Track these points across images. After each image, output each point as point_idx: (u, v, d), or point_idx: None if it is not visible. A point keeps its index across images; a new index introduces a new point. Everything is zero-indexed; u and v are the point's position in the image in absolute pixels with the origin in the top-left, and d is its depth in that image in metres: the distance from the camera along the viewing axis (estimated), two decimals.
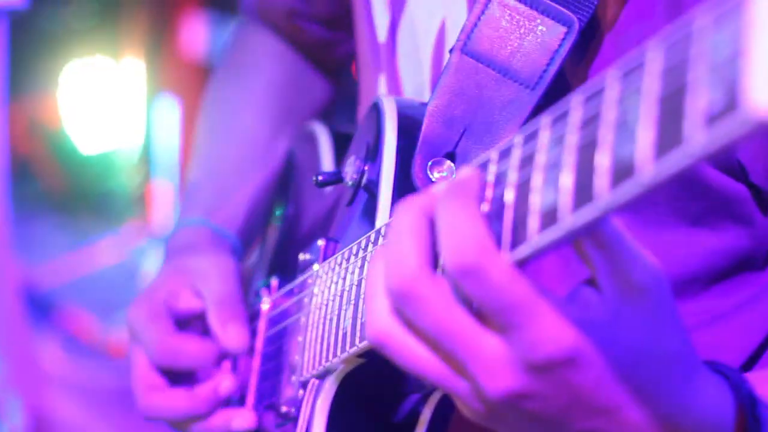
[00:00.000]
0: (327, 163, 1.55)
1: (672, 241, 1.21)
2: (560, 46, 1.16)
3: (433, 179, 1.18)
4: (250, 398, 1.50)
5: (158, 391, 1.48)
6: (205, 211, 1.63)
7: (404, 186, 1.22)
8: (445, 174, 1.19)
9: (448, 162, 1.18)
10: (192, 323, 1.51)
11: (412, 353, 0.93)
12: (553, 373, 0.89)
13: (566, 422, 0.93)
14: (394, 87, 1.42)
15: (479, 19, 1.21)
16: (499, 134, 1.18)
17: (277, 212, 1.66)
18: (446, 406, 1.16)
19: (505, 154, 0.91)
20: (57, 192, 4.38)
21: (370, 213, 1.25)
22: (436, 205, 0.91)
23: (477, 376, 0.90)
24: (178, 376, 1.49)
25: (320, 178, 1.35)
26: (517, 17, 1.19)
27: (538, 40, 1.18)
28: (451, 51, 1.22)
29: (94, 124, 4.42)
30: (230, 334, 1.47)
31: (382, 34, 1.44)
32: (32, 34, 4.51)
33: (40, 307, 3.76)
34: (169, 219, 4.07)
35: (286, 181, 1.67)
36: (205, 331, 1.50)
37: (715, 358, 1.01)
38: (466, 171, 0.92)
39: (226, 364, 1.50)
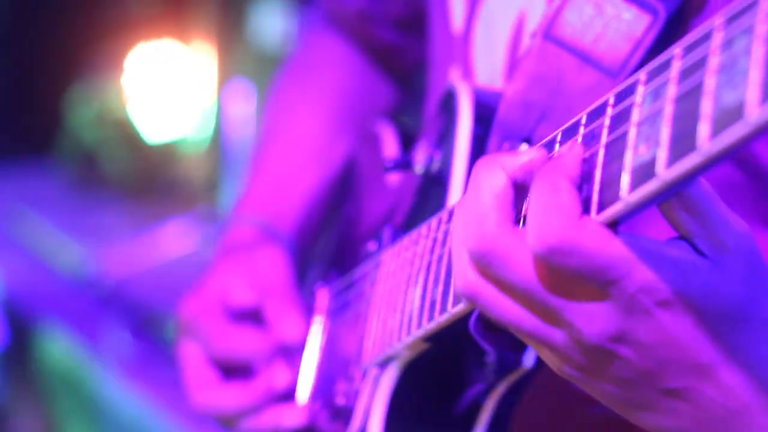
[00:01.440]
0: (392, 153, 1.52)
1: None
2: (645, 34, 1.13)
3: None
4: (303, 393, 1.47)
5: (211, 387, 1.47)
6: (261, 210, 1.63)
7: None
8: None
9: (525, 145, 1.18)
10: (246, 319, 1.49)
11: (503, 308, 0.93)
12: (653, 317, 0.88)
13: (660, 376, 0.91)
14: (467, 77, 1.40)
15: (563, 4, 1.18)
16: None
17: (337, 212, 1.65)
18: (510, 399, 1.17)
19: (595, 114, 0.92)
20: (125, 179, 4.36)
21: (439, 201, 1.24)
22: (531, 173, 0.92)
23: (574, 322, 0.90)
24: (232, 372, 1.48)
25: (389, 164, 1.35)
26: (603, 4, 1.16)
27: (623, 27, 1.15)
28: (532, 36, 1.20)
29: (161, 110, 4.38)
30: (287, 326, 1.46)
31: (458, 22, 1.41)
32: (98, 16, 4.49)
33: (106, 296, 3.78)
34: None
35: (347, 183, 1.66)
36: (260, 325, 1.48)
37: None
38: (568, 147, 0.92)
39: (282, 358, 1.48)
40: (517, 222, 0.94)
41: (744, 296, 0.89)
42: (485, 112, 1.23)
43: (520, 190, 0.94)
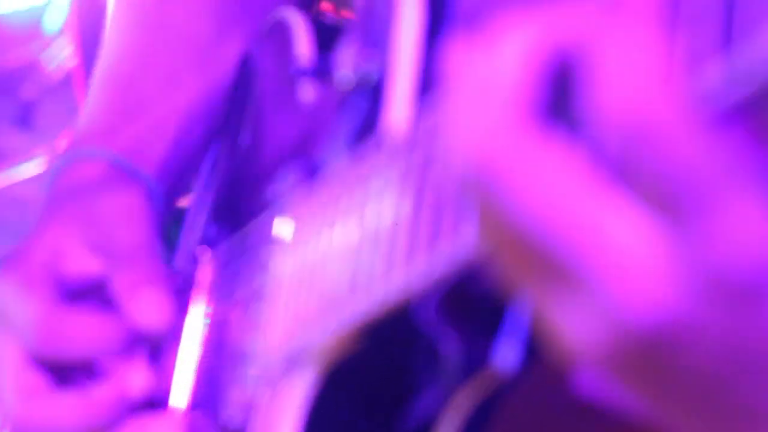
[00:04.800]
0: (306, 55, 1.27)
1: None
2: None
3: None
4: (179, 400, 1.24)
5: (38, 396, 1.21)
6: (108, 138, 1.34)
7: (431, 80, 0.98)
8: None
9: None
10: (89, 295, 1.23)
11: (506, 250, 0.66)
12: (749, 297, 0.61)
13: (736, 393, 0.64)
14: None
15: None
16: None
17: (224, 142, 1.40)
18: (478, 417, 0.92)
19: None
20: None
21: (371, 124, 1.03)
22: (586, 29, 0.64)
23: (617, 287, 0.62)
24: (68, 372, 1.22)
25: (300, 70, 1.17)
26: None
27: None
28: None
29: None
30: (143, 306, 1.20)
31: None
32: None
33: None
34: None
35: (241, 98, 1.40)
36: (108, 304, 1.22)
37: None
38: None
39: (140, 352, 1.23)
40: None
41: None
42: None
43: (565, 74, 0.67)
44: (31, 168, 3.79)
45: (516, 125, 0.65)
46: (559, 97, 0.67)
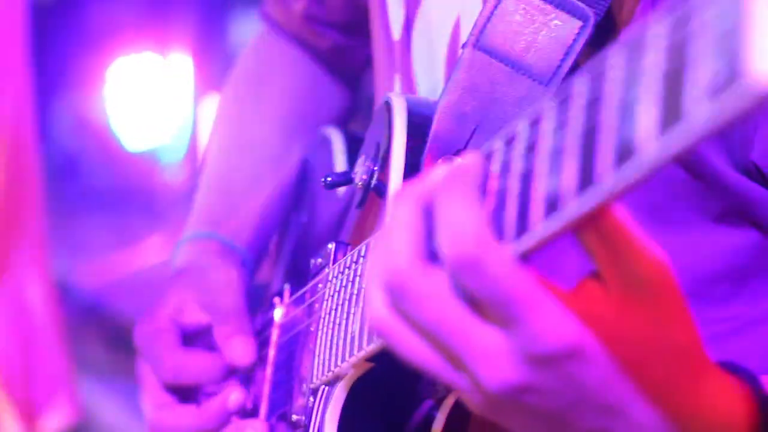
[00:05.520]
0: (340, 165, 1.52)
1: (696, 239, 1.19)
2: (575, 41, 1.13)
3: None
4: (263, 409, 1.48)
5: (166, 409, 1.47)
6: (214, 223, 1.62)
7: None
8: None
9: (458, 160, 1.12)
10: (200, 338, 1.50)
11: (411, 346, 0.91)
12: (556, 367, 0.87)
13: (570, 420, 0.90)
14: (408, 86, 1.39)
15: (492, 13, 1.18)
16: None
17: (291, 221, 1.64)
18: (461, 411, 1.13)
19: (509, 141, 0.88)
20: (102, 189, 4.37)
21: (379, 215, 1.23)
22: (434, 192, 0.88)
23: (475, 370, 0.88)
24: (188, 392, 1.48)
25: (329, 179, 1.34)
26: (532, 11, 1.16)
27: (553, 34, 1.14)
28: (463, 46, 1.19)
29: (140, 120, 4.40)
30: (235, 349, 1.47)
31: (396, 32, 1.41)
32: (79, 29, 4.49)
33: (84, 307, 3.76)
34: None
35: (300, 190, 1.65)
36: (213, 345, 1.49)
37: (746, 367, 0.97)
38: (468, 157, 0.89)
39: (235, 377, 1.49)
40: (432, 254, 0.90)
41: (650, 336, 0.88)
42: (420, 125, 1.22)
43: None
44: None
45: (408, 262, 0.88)
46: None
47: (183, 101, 4.31)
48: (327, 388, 1.26)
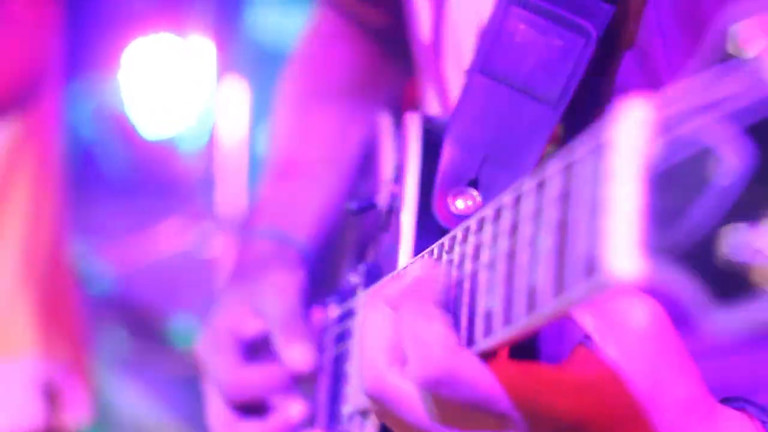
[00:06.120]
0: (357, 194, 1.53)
1: None
2: (579, 57, 1.11)
3: (456, 211, 1.14)
4: (321, 417, 1.47)
5: (232, 424, 1.48)
6: (273, 219, 1.62)
7: (426, 217, 1.18)
8: (470, 203, 1.14)
9: (471, 190, 1.15)
10: (261, 347, 1.50)
11: None
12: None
13: None
14: (442, 93, 1.36)
15: (494, 36, 1.15)
16: (524, 155, 1.13)
17: (352, 207, 1.60)
18: None
19: (464, 236, 0.94)
20: (120, 176, 4.34)
21: (397, 241, 1.22)
22: (401, 302, 0.93)
23: None
24: (251, 409, 1.49)
25: (353, 206, 1.37)
26: (533, 32, 1.13)
27: (556, 54, 1.12)
28: (467, 72, 1.17)
29: (158, 106, 4.35)
30: (294, 356, 1.46)
31: (426, 34, 1.38)
32: (94, 11, 4.48)
33: (102, 293, 3.76)
34: (234, 204, 4.03)
35: (365, 174, 1.62)
36: (273, 354, 1.49)
37: (756, 385, 1.02)
38: (423, 265, 0.95)
39: (294, 390, 1.50)
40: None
41: (650, 388, 0.89)
42: (435, 148, 1.19)
43: None
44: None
45: (383, 371, 0.94)
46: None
47: (203, 85, 4.25)
48: (359, 417, 1.26)
